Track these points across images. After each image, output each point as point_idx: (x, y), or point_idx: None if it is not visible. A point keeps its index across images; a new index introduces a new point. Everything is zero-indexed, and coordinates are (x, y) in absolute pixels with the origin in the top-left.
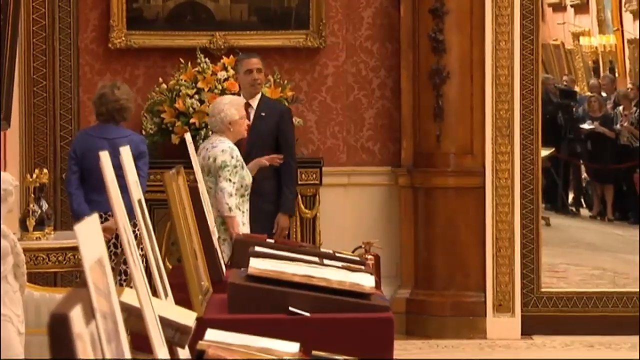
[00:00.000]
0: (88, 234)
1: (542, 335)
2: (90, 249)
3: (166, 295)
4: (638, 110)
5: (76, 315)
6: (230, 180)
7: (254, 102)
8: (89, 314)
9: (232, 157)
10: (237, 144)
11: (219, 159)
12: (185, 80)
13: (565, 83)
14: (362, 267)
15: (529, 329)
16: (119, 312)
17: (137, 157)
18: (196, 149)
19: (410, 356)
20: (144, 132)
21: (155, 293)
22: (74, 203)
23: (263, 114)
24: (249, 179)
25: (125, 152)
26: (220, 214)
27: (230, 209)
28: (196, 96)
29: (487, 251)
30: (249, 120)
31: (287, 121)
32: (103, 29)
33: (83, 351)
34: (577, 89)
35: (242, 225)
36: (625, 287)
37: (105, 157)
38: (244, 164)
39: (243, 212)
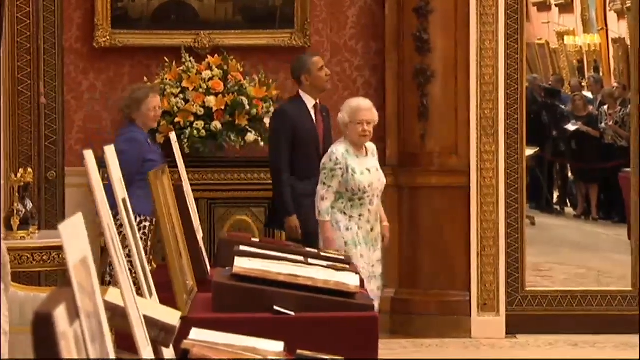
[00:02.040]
0: (72, 234)
1: (526, 334)
2: (74, 249)
3: (151, 294)
4: (623, 110)
5: (60, 314)
6: (324, 183)
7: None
8: (73, 313)
9: (331, 160)
10: (317, 144)
11: (322, 161)
12: (170, 80)
13: (550, 83)
14: (347, 266)
15: (513, 328)
16: (103, 311)
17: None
18: (181, 148)
19: (395, 355)
20: None
21: (139, 292)
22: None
23: (324, 112)
24: (356, 184)
25: (109, 151)
26: None
27: (319, 212)
28: (181, 95)
29: (472, 250)
30: (322, 121)
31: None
32: (88, 28)
33: (67, 350)
34: (563, 88)
35: (348, 230)
36: (610, 286)
37: (89, 155)
38: (352, 168)
39: (351, 216)
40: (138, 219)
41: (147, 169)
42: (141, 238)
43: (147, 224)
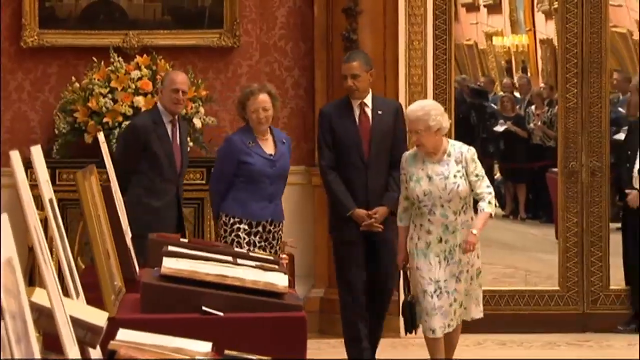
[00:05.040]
0: None
1: None
2: None
3: (77, 295)
4: (550, 110)
5: None
6: (400, 188)
7: (368, 102)
8: None
9: (401, 166)
10: (356, 143)
11: None
12: (98, 80)
13: (479, 84)
14: (276, 267)
15: None
16: (28, 312)
17: None
18: (109, 148)
19: (324, 355)
20: (56, 131)
21: (67, 293)
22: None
23: (380, 112)
24: (409, 192)
25: (36, 152)
26: None
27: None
28: (109, 95)
29: None
30: (369, 120)
31: (402, 117)
32: (15, 28)
33: None
34: (494, 89)
35: (412, 239)
36: (537, 286)
37: (15, 156)
38: (409, 175)
39: (415, 225)
40: (232, 221)
41: (243, 172)
42: (233, 240)
43: (243, 226)
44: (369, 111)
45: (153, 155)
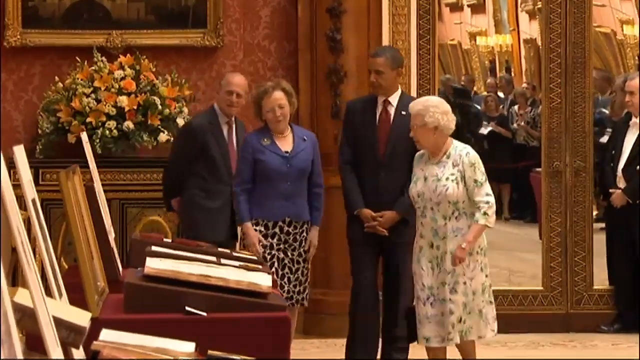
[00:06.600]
0: None
1: None
2: None
3: (60, 295)
4: (533, 110)
5: None
6: None
7: (394, 101)
8: None
9: None
10: (372, 142)
11: None
12: (81, 79)
13: (462, 83)
14: (260, 267)
15: None
16: (11, 312)
17: None
18: (92, 148)
19: (308, 355)
20: (40, 131)
21: (49, 293)
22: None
23: (403, 112)
24: (409, 193)
25: (19, 152)
26: None
27: None
28: (93, 95)
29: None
30: (390, 120)
31: None
32: None
33: None
34: (475, 88)
35: (416, 242)
36: (521, 286)
37: None
38: (414, 174)
39: (416, 227)
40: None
41: (259, 171)
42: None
43: (259, 228)
44: (391, 110)
45: (209, 156)
